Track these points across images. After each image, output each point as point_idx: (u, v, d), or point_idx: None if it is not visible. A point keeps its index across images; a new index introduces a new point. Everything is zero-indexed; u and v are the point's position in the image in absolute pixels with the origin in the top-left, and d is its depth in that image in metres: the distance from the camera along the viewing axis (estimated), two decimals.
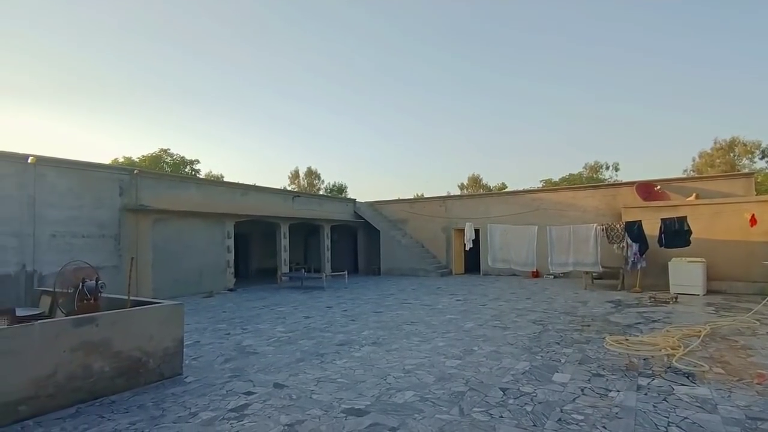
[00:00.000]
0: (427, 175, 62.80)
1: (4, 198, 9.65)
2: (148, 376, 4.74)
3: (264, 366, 5.39)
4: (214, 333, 7.48)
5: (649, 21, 46.65)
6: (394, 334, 7.08)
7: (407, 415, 3.75)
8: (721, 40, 45.22)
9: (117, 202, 11.80)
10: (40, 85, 50.42)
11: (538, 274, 15.83)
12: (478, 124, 60.18)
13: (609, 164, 37.32)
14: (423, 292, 12.51)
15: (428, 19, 52.49)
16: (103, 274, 5.88)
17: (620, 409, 3.77)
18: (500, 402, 4.00)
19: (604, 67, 51.78)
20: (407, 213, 20.39)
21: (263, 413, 3.87)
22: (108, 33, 47.68)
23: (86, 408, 4.08)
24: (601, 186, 17.72)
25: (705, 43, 46.28)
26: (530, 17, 50.22)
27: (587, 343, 6.20)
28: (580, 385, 4.39)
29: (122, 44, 49.53)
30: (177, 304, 5.24)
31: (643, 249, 11.75)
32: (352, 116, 62.66)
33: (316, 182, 42.70)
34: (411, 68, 58.31)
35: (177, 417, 3.84)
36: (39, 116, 50.22)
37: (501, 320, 8.07)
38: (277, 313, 9.48)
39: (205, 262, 13.53)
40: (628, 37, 48.92)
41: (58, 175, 10.64)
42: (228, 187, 16.26)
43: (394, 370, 5.07)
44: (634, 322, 7.70)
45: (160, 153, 31.23)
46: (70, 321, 4.26)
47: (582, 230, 12.55)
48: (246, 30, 54.02)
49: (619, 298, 10.71)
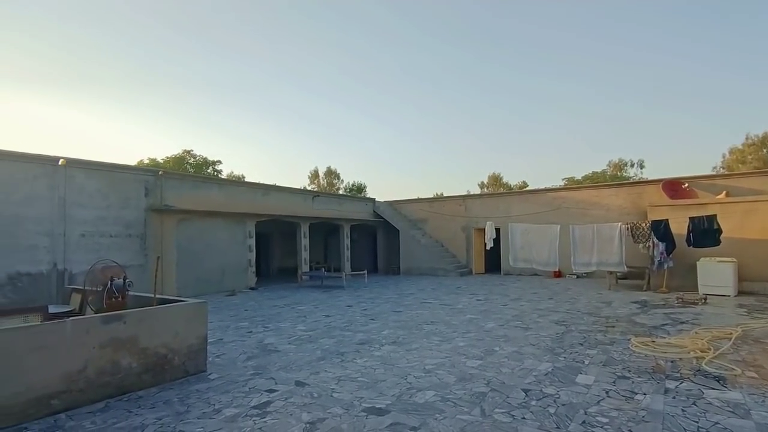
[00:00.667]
0: (446, 175, 62.48)
1: (36, 199, 10.01)
2: (173, 373, 4.84)
3: (285, 364, 5.45)
4: (237, 331, 7.60)
5: (672, 15, 45.37)
6: (414, 333, 7.06)
7: (428, 415, 3.74)
8: (751, 32, 43.63)
9: (143, 203, 12.10)
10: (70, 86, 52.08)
11: (561, 274, 15.58)
12: (497, 123, 59.57)
13: (634, 161, 36.45)
14: (443, 292, 12.46)
15: (447, 17, 52.19)
16: (130, 272, 6.04)
17: (647, 412, 3.68)
18: (522, 403, 3.95)
19: (627, 63, 50.61)
20: (427, 212, 20.32)
21: (285, 411, 3.92)
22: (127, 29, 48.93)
23: (115, 403, 4.19)
24: (626, 184, 17.29)
25: (734, 35, 44.73)
26: (550, 14, 49.42)
27: (612, 344, 6.07)
28: (604, 387, 4.30)
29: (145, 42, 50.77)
30: (201, 302, 5.34)
31: (670, 248, 11.43)
32: (371, 115, 62.81)
33: (336, 182, 42.95)
34: (430, 67, 58.11)
35: (201, 413, 3.92)
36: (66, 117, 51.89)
37: (522, 320, 7.96)
38: (297, 311, 9.58)
39: (228, 261, 13.76)
40: (652, 33, 47.68)
41: (86, 176, 10.98)
42: (249, 187, 16.49)
43: (415, 370, 5.06)
44: (661, 323, 7.50)
45: (183, 154, 31.92)
46: (100, 318, 4.39)
47: (606, 229, 12.29)
48: (266, 27, 54.70)
49: (644, 298, 10.45)
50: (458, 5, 50.68)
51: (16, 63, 46.47)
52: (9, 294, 9.45)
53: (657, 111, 51.03)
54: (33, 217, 9.92)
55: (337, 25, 54.33)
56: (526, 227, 13.70)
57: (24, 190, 9.82)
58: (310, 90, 60.57)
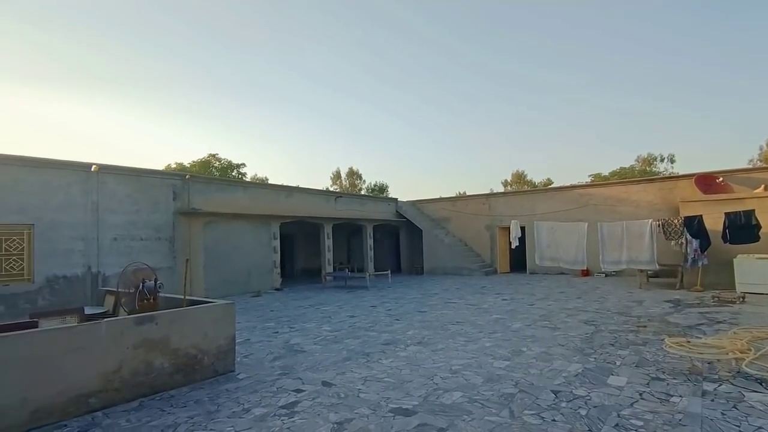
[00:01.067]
0: (469, 174, 61.93)
1: (71, 205, 10.40)
2: (203, 373, 4.95)
3: (312, 364, 5.50)
4: (263, 331, 7.71)
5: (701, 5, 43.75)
6: (440, 333, 7.02)
7: (456, 416, 3.71)
8: None
9: (171, 206, 12.43)
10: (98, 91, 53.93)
11: (588, 273, 15.22)
12: (520, 121, 58.68)
13: (664, 156, 35.32)
14: (467, 292, 12.34)
15: (467, 13, 51.74)
16: (160, 274, 6.20)
17: (684, 415, 3.55)
18: (552, 405, 3.87)
19: (654, 58, 49.07)
20: (449, 211, 20.18)
21: (312, 411, 3.95)
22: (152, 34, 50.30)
23: (148, 402, 4.31)
24: (656, 179, 16.77)
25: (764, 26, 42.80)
26: (575, 11, 48.38)
27: (644, 344, 5.89)
28: (638, 389, 4.17)
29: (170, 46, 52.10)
30: (229, 303, 5.44)
31: (705, 245, 11.02)
32: (392, 115, 62.80)
33: (358, 182, 43.13)
34: (450, 65, 57.71)
35: (231, 412, 3.99)
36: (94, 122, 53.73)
37: (550, 320, 7.81)
38: (322, 312, 9.65)
39: (253, 263, 13.99)
40: (681, 25, 46.09)
41: (117, 182, 11.35)
42: (273, 189, 16.73)
43: (441, 371, 5.03)
44: (696, 323, 7.24)
45: (209, 158, 32.62)
46: (133, 319, 4.52)
47: (636, 226, 11.95)
48: (286, 28, 55.40)
49: (677, 297, 10.11)
50: (479, 1, 50.20)
51: (46, 65, 48.42)
52: (47, 296, 9.86)
53: (688, 104, 49.38)
54: (68, 222, 10.31)
55: (357, 24, 54.58)
56: (553, 225, 13.45)
57: (60, 196, 10.23)
58: (332, 91, 61.04)
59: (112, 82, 53.03)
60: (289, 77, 59.30)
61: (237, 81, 58.09)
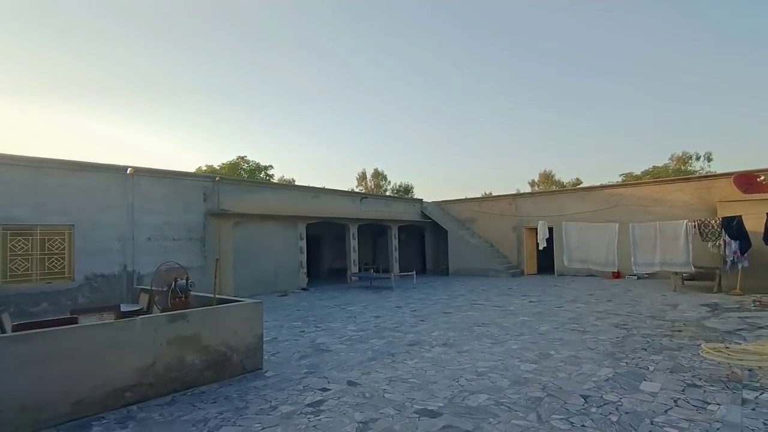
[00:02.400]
0: (495, 174, 61.12)
1: (110, 206, 10.84)
2: (232, 370, 5.07)
3: (337, 363, 5.55)
4: (290, 330, 7.83)
5: None
6: (465, 335, 6.97)
7: (482, 419, 3.67)
8: None
9: (202, 207, 12.77)
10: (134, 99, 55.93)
11: (620, 275, 14.78)
12: (546, 120, 57.50)
13: (700, 154, 33.93)
14: (494, 293, 12.19)
15: (493, 14, 51.10)
16: (191, 273, 6.39)
17: (722, 424, 3.41)
18: (581, 410, 3.79)
19: (689, 50, 47.21)
20: (475, 212, 19.98)
21: (338, 410, 3.99)
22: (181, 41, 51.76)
23: (180, 397, 4.45)
24: (692, 178, 16.12)
25: None
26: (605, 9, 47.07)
27: (679, 350, 5.69)
28: (672, 396, 4.04)
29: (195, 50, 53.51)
30: (257, 302, 5.55)
31: (745, 247, 10.53)
32: (418, 116, 62.63)
33: (383, 183, 43.24)
34: (477, 66, 57.11)
35: (259, 409, 4.07)
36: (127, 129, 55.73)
37: (579, 323, 7.64)
38: (348, 312, 9.72)
39: (280, 263, 14.22)
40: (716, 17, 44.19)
41: (152, 183, 11.75)
42: (300, 190, 16.96)
43: (467, 372, 4.99)
44: (735, 328, 6.93)
45: (237, 160, 33.37)
46: (166, 317, 4.68)
47: (670, 227, 11.53)
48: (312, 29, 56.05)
49: (715, 301, 9.70)
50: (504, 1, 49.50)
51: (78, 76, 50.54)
52: (87, 294, 10.30)
53: (725, 100, 47.26)
54: (107, 223, 10.75)
55: (382, 25, 54.71)
56: (582, 226, 13.12)
57: (99, 198, 10.68)
58: (358, 93, 61.37)
59: (144, 90, 54.94)
60: (314, 79, 60.00)
61: (263, 84, 59.19)
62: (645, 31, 47.84)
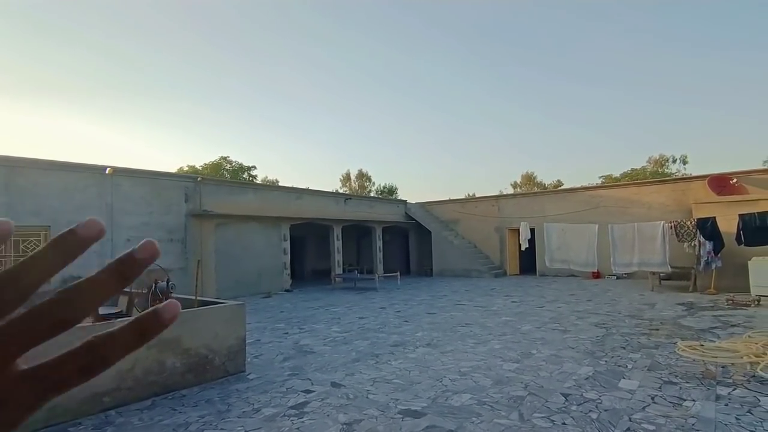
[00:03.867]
0: (478, 176, 61.67)
1: (87, 207, 10.58)
2: (214, 373, 5.01)
3: (321, 365, 5.53)
4: (274, 332, 7.77)
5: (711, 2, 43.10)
6: (449, 335, 7.01)
7: (464, 418, 3.70)
8: None
9: (183, 208, 12.58)
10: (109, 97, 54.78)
11: (599, 275, 15.07)
12: (528, 122, 58.29)
13: (676, 157, 34.83)
14: (477, 294, 12.30)
15: (475, 18, 51.59)
16: (172, 275, 6.28)
17: (697, 420, 3.51)
18: (562, 408, 3.85)
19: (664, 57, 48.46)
20: (459, 213, 20.13)
21: (322, 411, 3.97)
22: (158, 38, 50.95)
23: (160, 401, 4.38)
24: (669, 180, 16.55)
25: None
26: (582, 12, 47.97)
27: (656, 348, 5.83)
28: (649, 393, 4.14)
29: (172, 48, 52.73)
30: (239, 304, 5.50)
31: (719, 247, 10.86)
32: (401, 117, 62.80)
33: (367, 184, 43.20)
34: (459, 69, 57.55)
35: (242, 412, 4.03)
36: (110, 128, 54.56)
37: (560, 323, 7.76)
38: (332, 313, 9.69)
39: (264, 264, 14.09)
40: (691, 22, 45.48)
41: (131, 184, 11.53)
42: (283, 191, 16.84)
43: (450, 372, 5.02)
44: (710, 326, 7.14)
45: (220, 161, 32.97)
46: None
47: (647, 228, 11.81)
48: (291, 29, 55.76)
49: (690, 300, 9.97)
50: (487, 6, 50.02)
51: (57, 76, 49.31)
52: None
53: (700, 104, 48.63)
54: None
55: (364, 28, 54.72)
56: (563, 227, 13.34)
57: (76, 198, 10.43)
58: (341, 94, 61.25)
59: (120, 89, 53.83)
60: (297, 80, 59.66)
61: (246, 84, 58.60)
62: (626, 36, 48.92)
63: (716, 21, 43.63)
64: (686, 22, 44.68)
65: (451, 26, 51.94)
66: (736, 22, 42.90)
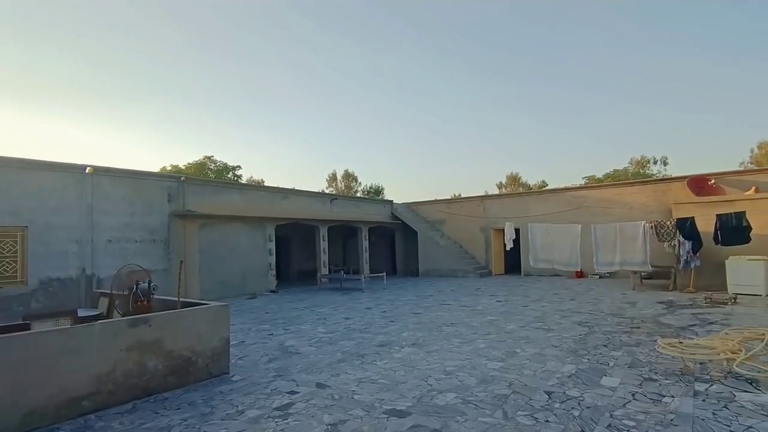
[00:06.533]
0: (463, 176, 62.03)
1: (66, 207, 10.36)
2: (197, 375, 4.94)
3: (306, 366, 5.50)
4: (258, 333, 7.70)
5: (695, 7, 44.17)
6: (434, 335, 7.04)
7: (449, 417, 3.72)
8: None
9: (166, 209, 12.39)
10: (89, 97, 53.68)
11: (583, 274, 15.30)
12: (514, 123, 58.90)
13: (657, 158, 35.56)
14: (462, 293, 12.37)
15: (462, 19, 51.93)
16: (154, 276, 6.19)
17: (676, 415, 3.58)
18: (545, 406, 3.90)
19: (647, 60, 49.47)
20: (445, 213, 20.23)
21: (307, 412, 3.95)
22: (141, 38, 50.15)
23: (141, 404, 4.30)
24: (650, 181, 16.90)
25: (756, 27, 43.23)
26: (567, 16, 48.67)
27: (637, 345, 5.93)
28: (630, 390, 4.21)
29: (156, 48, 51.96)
30: (223, 305, 5.43)
31: (697, 247, 11.12)
32: (387, 117, 62.86)
33: (353, 185, 43.12)
34: (444, 70, 57.87)
35: (225, 414, 3.99)
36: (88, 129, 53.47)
37: (544, 322, 7.85)
38: (317, 314, 9.65)
39: (248, 265, 13.96)
40: (674, 27, 46.52)
41: (112, 183, 11.31)
42: (268, 191, 16.71)
43: (435, 372, 5.04)
44: (689, 324, 7.30)
45: (204, 160, 32.54)
46: (126, 321, 4.51)
47: (629, 228, 12.04)
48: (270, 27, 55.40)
49: (670, 298, 10.18)
50: (471, 7, 50.41)
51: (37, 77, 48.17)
52: (41, 299, 9.79)
53: (680, 107, 49.76)
54: (63, 224, 10.26)
55: (350, 30, 54.67)
56: (547, 227, 13.52)
57: (55, 198, 10.18)
58: (328, 94, 61.05)
59: (102, 88, 52.82)
60: (282, 81, 59.29)
61: (230, 85, 58.00)
62: (611, 41, 49.78)
63: (698, 26, 44.69)
64: (669, 28, 45.67)
65: (436, 29, 52.21)
66: (718, 28, 44.01)
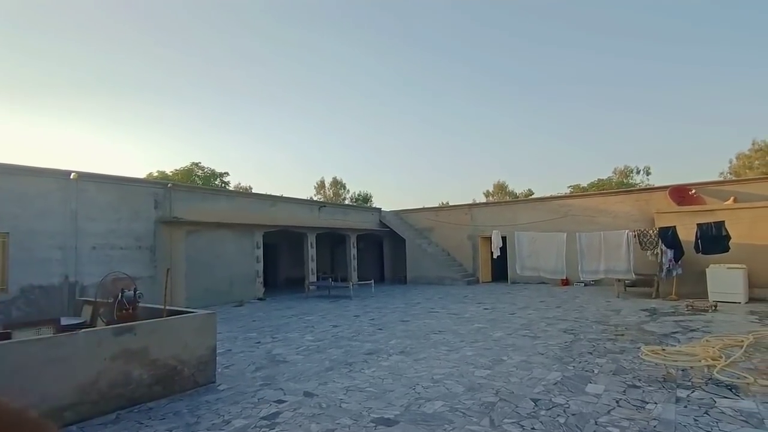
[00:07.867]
0: (451, 185, 62.43)
1: (49, 213, 10.17)
2: (183, 384, 4.88)
3: (294, 374, 5.47)
4: (245, 342, 7.63)
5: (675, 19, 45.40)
6: (422, 343, 7.06)
7: (437, 425, 3.74)
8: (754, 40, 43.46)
9: (152, 215, 12.25)
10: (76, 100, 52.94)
11: (568, 282, 15.47)
12: (501, 132, 59.58)
13: (640, 168, 36.25)
14: (450, 301, 12.42)
15: (449, 27, 52.57)
16: (140, 284, 6.11)
17: (658, 422, 3.65)
18: (532, 413, 3.94)
19: (629, 71, 50.57)
20: (433, 221, 20.33)
21: (294, 422, 3.93)
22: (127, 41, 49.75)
23: (126, 414, 4.23)
24: (633, 191, 17.23)
25: (737, 41, 44.60)
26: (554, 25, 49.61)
27: (621, 353, 6.03)
28: (615, 397, 4.28)
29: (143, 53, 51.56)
30: (210, 313, 5.39)
31: (679, 255, 11.35)
32: (376, 126, 63.09)
33: (342, 192, 43.09)
34: (431, 77, 58.41)
35: (211, 424, 3.95)
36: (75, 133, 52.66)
37: (531, 329, 7.93)
38: (305, 322, 9.60)
39: (236, 272, 13.84)
40: (653, 39, 47.70)
41: (98, 189, 11.15)
42: (256, 198, 16.63)
43: (423, 380, 5.06)
44: (671, 331, 7.43)
45: (191, 166, 32.22)
46: (111, 330, 4.45)
47: (613, 236, 12.24)
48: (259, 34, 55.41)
49: (653, 306, 10.36)
50: (461, 16, 51.08)
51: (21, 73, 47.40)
52: (22, 307, 9.57)
53: (662, 118, 50.86)
54: (46, 231, 10.07)
55: (338, 36, 54.93)
56: (533, 235, 13.68)
57: (38, 204, 10.00)
58: (317, 101, 61.09)
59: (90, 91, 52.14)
60: (271, 89, 59.20)
61: (218, 91, 57.73)
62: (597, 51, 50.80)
63: (681, 39, 45.87)
64: (653, 40, 46.79)
65: (423, 37, 52.71)
66: (700, 39, 45.23)
